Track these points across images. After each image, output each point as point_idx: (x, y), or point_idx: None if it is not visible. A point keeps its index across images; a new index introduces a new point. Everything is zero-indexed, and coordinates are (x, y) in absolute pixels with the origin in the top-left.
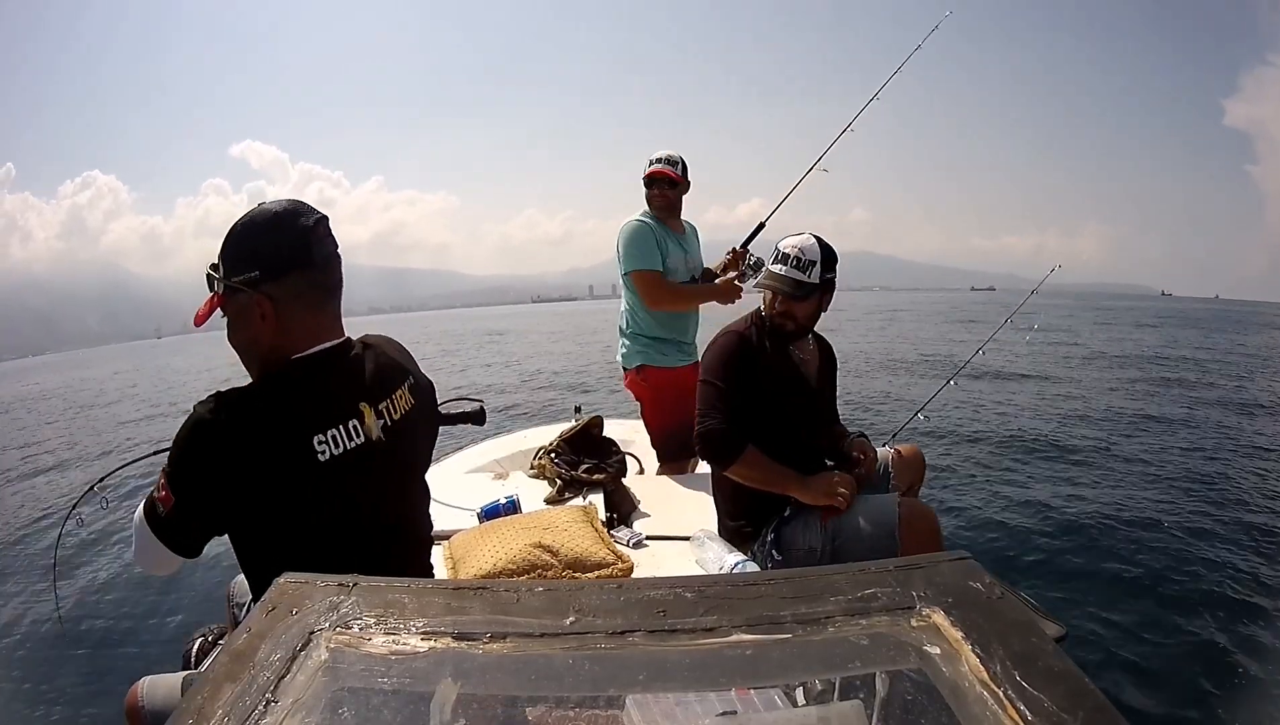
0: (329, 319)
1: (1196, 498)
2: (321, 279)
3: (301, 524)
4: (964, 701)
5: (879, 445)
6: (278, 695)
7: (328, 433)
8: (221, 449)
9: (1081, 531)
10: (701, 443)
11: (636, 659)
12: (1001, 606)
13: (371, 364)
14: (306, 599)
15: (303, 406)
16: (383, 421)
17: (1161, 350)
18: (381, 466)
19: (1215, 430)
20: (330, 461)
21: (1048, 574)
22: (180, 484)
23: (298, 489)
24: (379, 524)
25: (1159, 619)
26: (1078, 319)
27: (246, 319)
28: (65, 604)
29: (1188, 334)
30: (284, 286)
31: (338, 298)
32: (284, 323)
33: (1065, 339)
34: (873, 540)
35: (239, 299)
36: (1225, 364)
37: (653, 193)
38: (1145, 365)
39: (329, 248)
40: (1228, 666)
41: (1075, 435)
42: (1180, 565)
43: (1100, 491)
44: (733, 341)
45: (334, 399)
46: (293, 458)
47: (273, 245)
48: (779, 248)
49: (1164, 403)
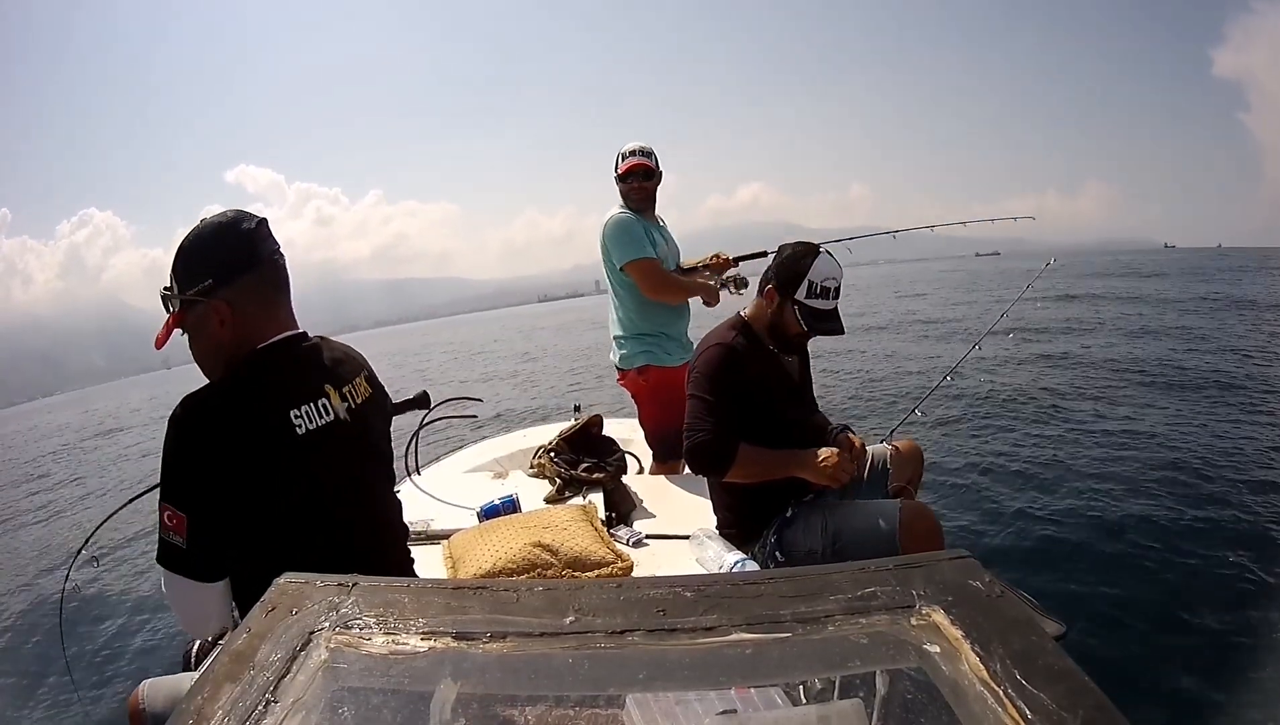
0: (283, 312)
1: (1199, 495)
2: (270, 275)
3: (282, 504)
4: (964, 700)
5: (877, 441)
6: (278, 695)
7: (302, 408)
8: (208, 438)
9: (1082, 530)
10: (691, 457)
11: (636, 658)
12: (1001, 605)
13: (329, 353)
14: (306, 599)
15: (277, 384)
16: (346, 403)
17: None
18: (350, 446)
19: (1222, 424)
20: (306, 435)
21: (1047, 572)
22: (184, 495)
23: (281, 463)
24: (351, 505)
25: (1160, 617)
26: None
27: (206, 327)
28: (67, 608)
29: (1195, 287)
30: (237, 288)
31: (287, 293)
32: (242, 323)
33: (1064, 312)
34: (874, 543)
35: (196, 311)
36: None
37: (630, 186)
38: (1150, 346)
39: (273, 246)
40: (1229, 664)
41: (1076, 432)
42: (1182, 562)
43: (1101, 489)
44: (721, 354)
45: (303, 378)
46: (275, 431)
47: (221, 252)
48: (815, 281)
49: (1169, 396)
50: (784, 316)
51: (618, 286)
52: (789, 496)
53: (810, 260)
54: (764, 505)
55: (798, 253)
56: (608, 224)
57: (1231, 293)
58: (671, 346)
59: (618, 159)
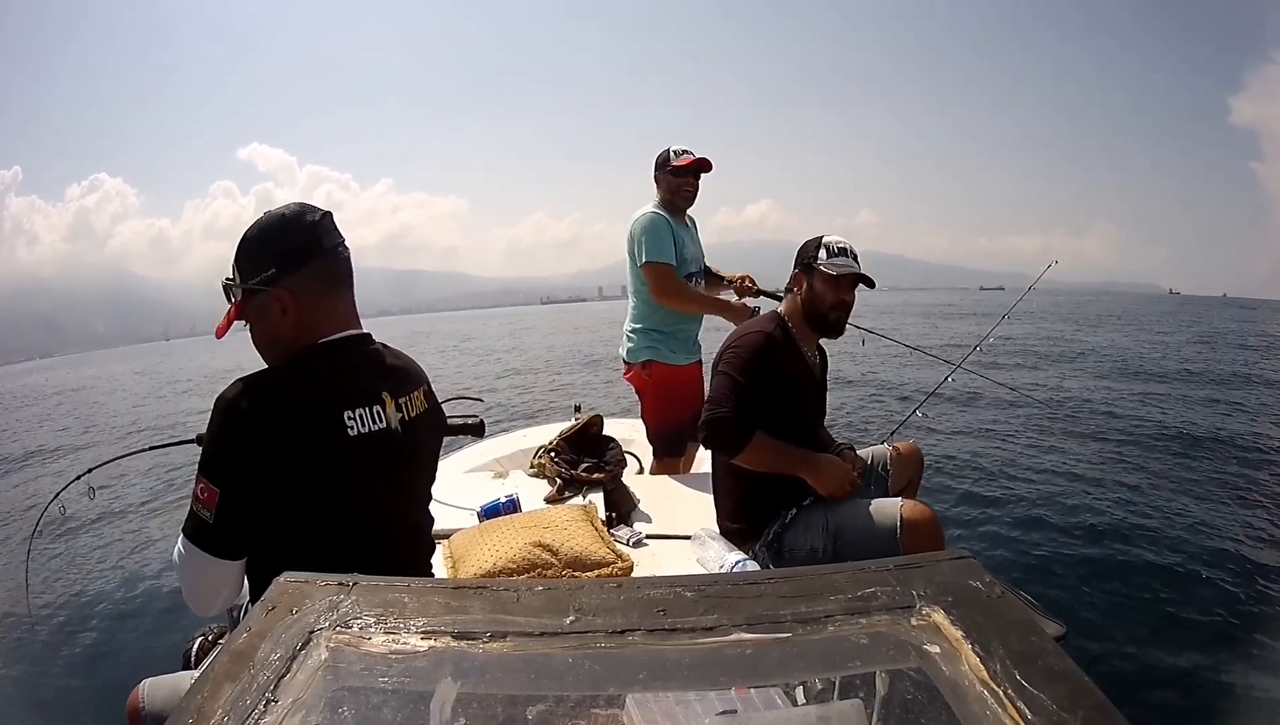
0: (346, 307)
1: (1198, 496)
2: (334, 266)
3: (319, 500)
4: (964, 700)
5: (878, 443)
6: (278, 695)
7: (355, 411)
8: (259, 421)
9: (1082, 530)
10: (708, 429)
11: (636, 658)
12: (1001, 605)
13: (391, 359)
14: (306, 598)
15: (334, 382)
16: (401, 414)
17: (1167, 347)
18: (398, 457)
19: (1218, 429)
20: (358, 438)
21: (1048, 573)
22: (222, 471)
23: (329, 462)
24: (392, 514)
25: (1160, 618)
26: (1082, 315)
27: (268, 317)
28: (66, 607)
29: (1196, 330)
30: (300, 278)
31: (351, 289)
32: (305, 312)
33: (1067, 333)
34: (875, 543)
35: (258, 300)
36: (1231, 359)
37: (684, 181)
38: (1149, 362)
39: (338, 238)
40: (1229, 665)
41: (1077, 433)
42: (1182, 564)
43: (1102, 490)
44: (762, 341)
45: (361, 381)
46: (326, 428)
47: (285, 242)
48: (830, 244)
49: (1167, 401)
50: (815, 290)
51: (637, 282)
52: (790, 498)
53: (819, 238)
54: (765, 505)
55: (808, 240)
56: (640, 220)
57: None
58: (678, 346)
59: (668, 154)
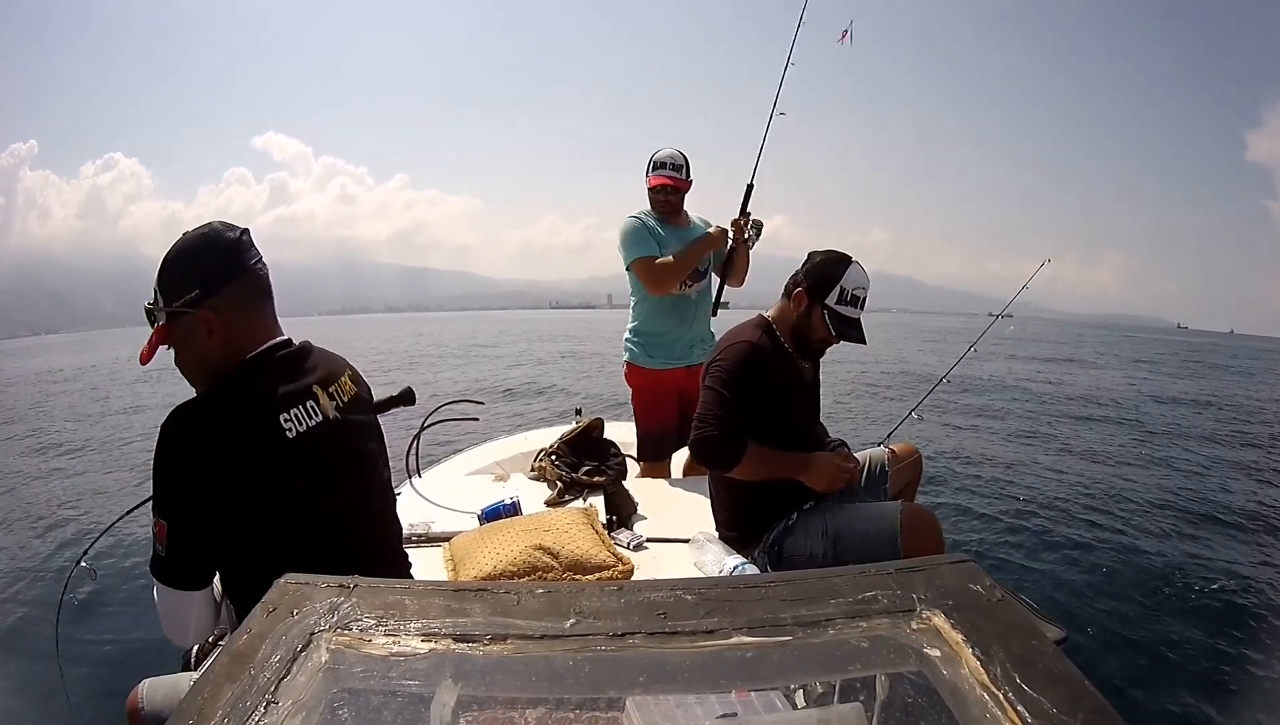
0: (269, 320)
1: (1197, 501)
2: (256, 283)
3: (276, 508)
4: (964, 704)
5: (875, 444)
6: (278, 696)
7: (290, 411)
8: (196, 447)
9: (1082, 534)
10: (698, 450)
11: (637, 661)
12: (1002, 609)
13: (314, 354)
14: (307, 600)
15: (265, 392)
16: (335, 402)
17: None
18: (341, 445)
19: (1218, 437)
20: (297, 438)
21: (1048, 576)
22: (168, 504)
23: (277, 470)
24: (344, 504)
25: (1159, 621)
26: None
27: (193, 339)
28: (65, 606)
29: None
30: (224, 297)
31: (271, 301)
32: (230, 331)
33: (1067, 354)
34: (875, 547)
35: (183, 322)
36: (1228, 380)
37: (658, 198)
38: (1151, 380)
39: (255, 255)
40: (1229, 668)
41: (1076, 438)
42: (1181, 567)
43: (1102, 494)
44: (746, 352)
45: (291, 382)
46: (265, 437)
47: (206, 262)
48: (847, 287)
49: (1167, 412)
50: (811, 321)
51: (631, 286)
52: (790, 502)
53: (844, 267)
54: (765, 510)
55: (831, 259)
56: (621, 227)
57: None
58: (656, 350)
59: (649, 165)
